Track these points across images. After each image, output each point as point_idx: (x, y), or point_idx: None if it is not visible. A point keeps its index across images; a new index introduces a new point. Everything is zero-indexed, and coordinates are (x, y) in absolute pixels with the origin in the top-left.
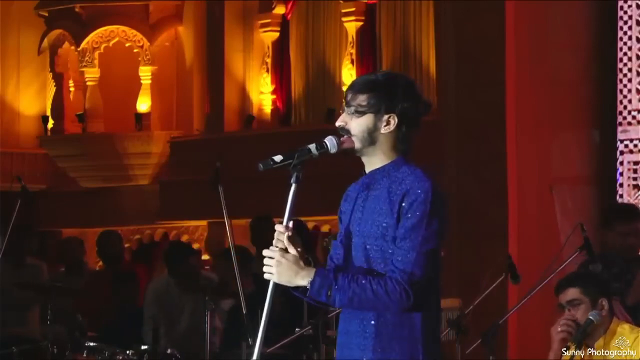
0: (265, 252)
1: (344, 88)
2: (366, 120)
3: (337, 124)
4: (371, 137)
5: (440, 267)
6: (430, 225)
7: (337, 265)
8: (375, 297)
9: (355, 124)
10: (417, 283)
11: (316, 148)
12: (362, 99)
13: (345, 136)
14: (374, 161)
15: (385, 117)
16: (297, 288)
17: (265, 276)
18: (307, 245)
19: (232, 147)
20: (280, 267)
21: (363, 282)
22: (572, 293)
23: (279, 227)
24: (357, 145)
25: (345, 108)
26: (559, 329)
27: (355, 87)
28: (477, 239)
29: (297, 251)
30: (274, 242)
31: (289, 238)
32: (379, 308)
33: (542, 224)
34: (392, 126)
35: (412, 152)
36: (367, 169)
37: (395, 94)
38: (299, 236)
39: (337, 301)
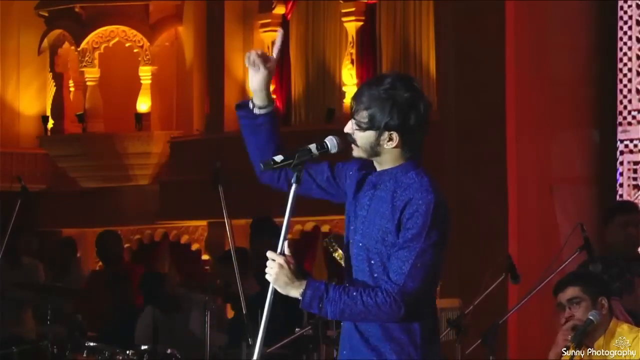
0: (269, 254)
1: (344, 88)
2: (368, 136)
3: (346, 130)
4: (374, 150)
5: (441, 275)
6: (429, 237)
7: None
8: (365, 308)
9: (360, 137)
10: (408, 295)
11: (316, 148)
12: (363, 115)
13: (352, 144)
14: (382, 163)
15: (387, 134)
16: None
17: (266, 277)
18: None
19: (232, 147)
20: (280, 272)
21: (354, 293)
22: (572, 291)
23: (270, 255)
24: (362, 155)
25: (352, 117)
26: (569, 337)
27: (358, 100)
28: (477, 239)
29: (282, 258)
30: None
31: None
32: (370, 319)
33: (542, 224)
34: (395, 142)
35: (422, 153)
36: (377, 168)
37: (395, 112)
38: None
39: (329, 313)
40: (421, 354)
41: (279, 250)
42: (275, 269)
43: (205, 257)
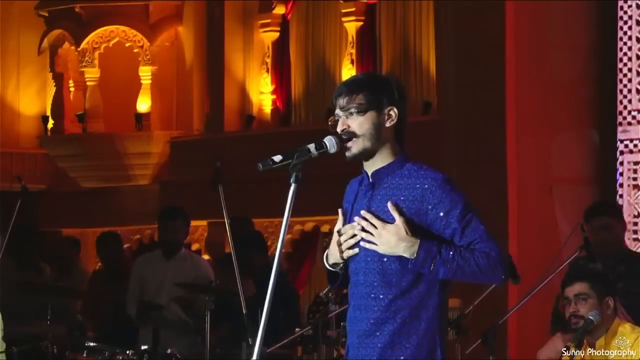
0: (363, 223)
1: None
2: (370, 117)
3: (339, 128)
4: (378, 133)
5: None
6: (471, 205)
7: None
8: (479, 270)
9: (359, 123)
10: (504, 256)
11: (315, 148)
12: (360, 98)
13: (350, 141)
14: (376, 161)
15: (386, 110)
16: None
17: (367, 245)
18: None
19: (232, 147)
20: (382, 237)
21: (467, 254)
22: (580, 287)
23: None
24: (367, 144)
25: (342, 112)
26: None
27: (349, 89)
28: None
29: (401, 219)
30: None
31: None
32: (480, 280)
33: (542, 224)
34: (394, 118)
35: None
36: (370, 170)
37: (392, 89)
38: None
39: (441, 273)
40: (440, 341)
41: (278, 249)
42: (376, 235)
43: (205, 257)
